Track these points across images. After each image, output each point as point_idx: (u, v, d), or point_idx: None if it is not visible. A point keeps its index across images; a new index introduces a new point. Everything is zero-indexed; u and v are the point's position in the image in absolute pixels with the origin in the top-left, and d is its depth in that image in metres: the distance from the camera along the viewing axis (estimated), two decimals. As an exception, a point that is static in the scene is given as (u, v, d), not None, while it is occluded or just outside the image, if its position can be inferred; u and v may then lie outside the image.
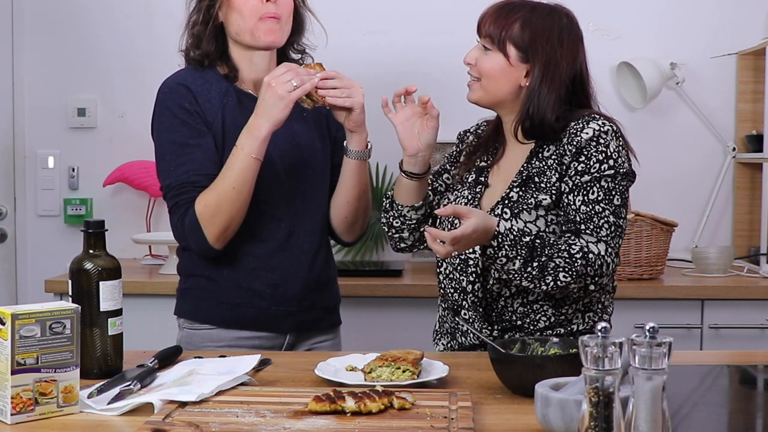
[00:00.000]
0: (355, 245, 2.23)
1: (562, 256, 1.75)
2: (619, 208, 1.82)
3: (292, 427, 1.34)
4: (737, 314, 2.88)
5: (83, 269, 1.65)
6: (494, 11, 1.89)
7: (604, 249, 1.78)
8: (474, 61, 1.91)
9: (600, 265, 1.77)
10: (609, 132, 1.83)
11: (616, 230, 1.81)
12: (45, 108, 3.44)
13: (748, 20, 3.39)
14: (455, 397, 1.47)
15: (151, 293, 2.83)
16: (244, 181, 1.91)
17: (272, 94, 1.88)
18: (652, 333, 1.08)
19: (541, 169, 1.87)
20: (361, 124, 2.00)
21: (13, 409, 1.38)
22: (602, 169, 1.81)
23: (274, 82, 1.88)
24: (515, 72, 1.87)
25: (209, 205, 1.92)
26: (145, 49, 3.42)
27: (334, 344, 2.18)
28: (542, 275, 1.75)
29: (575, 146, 1.82)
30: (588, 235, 1.80)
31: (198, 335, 2.06)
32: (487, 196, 1.95)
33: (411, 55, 3.37)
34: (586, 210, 1.81)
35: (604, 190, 1.81)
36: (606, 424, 1.09)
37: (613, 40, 3.40)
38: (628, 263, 2.95)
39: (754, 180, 3.42)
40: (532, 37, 1.86)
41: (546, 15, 1.88)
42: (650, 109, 3.41)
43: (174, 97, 1.99)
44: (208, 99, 2.01)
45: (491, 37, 1.87)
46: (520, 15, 1.87)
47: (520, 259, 1.74)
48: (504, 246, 1.74)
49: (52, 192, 3.45)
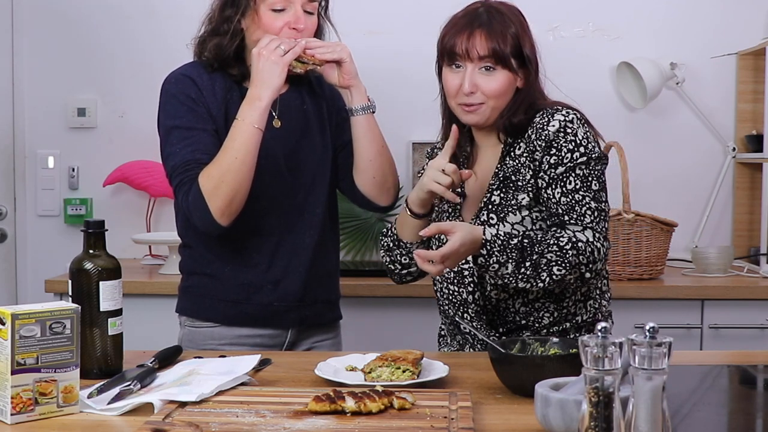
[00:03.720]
0: (393, 208, 2.21)
1: (553, 251, 1.75)
2: (598, 193, 1.82)
3: (292, 427, 1.34)
4: (737, 314, 2.88)
5: (83, 269, 1.65)
6: (478, 29, 1.83)
7: (591, 235, 1.78)
8: (475, 88, 1.85)
9: (591, 251, 1.77)
10: (574, 120, 1.83)
11: (600, 214, 1.81)
12: (45, 108, 3.44)
13: (748, 20, 3.39)
14: (455, 397, 1.47)
15: (151, 293, 2.83)
16: (246, 151, 1.90)
17: (265, 62, 1.91)
18: (652, 333, 1.08)
19: (516, 168, 1.86)
20: (354, 76, 2.01)
21: (13, 409, 1.38)
22: (575, 158, 1.81)
23: (265, 51, 1.91)
24: (515, 80, 1.87)
25: (213, 176, 1.90)
26: (145, 49, 3.42)
27: (334, 343, 2.19)
28: (537, 273, 1.75)
29: (544, 140, 1.82)
30: (573, 224, 1.80)
31: (199, 333, 2.06)
32: (467, 205, 1.94)
33: (412, 56, 3.37)
34: (566, 201, 1.80)
35: (580, 178, 1.81)
36: (606, 424, 1.09)
37: (613, 40, 3.40)
38: (628, 263, 2.95)
39: (754, 180, 3.42)
40: (520, 38, 1.85)
41: (510, 11, 1.88)
42: (650, 109, 3.41)
43: (179, 87, 2.01)
44: (213, 92, 2.01)
45: (495, 57, 1.83)
46: (503, 23, 1.84)
47: (512, 262, 1.74)
48: (494, 252, 1.74)
49: (52, 192, 3.45)
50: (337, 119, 2.14)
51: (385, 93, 2.00)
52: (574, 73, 3.14)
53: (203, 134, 1.97)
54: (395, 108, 3.08)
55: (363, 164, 2.09)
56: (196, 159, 1.93)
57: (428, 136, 3.39)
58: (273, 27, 1.97)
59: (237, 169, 1.89)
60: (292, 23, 1.97)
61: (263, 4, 1.97)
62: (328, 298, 2.15)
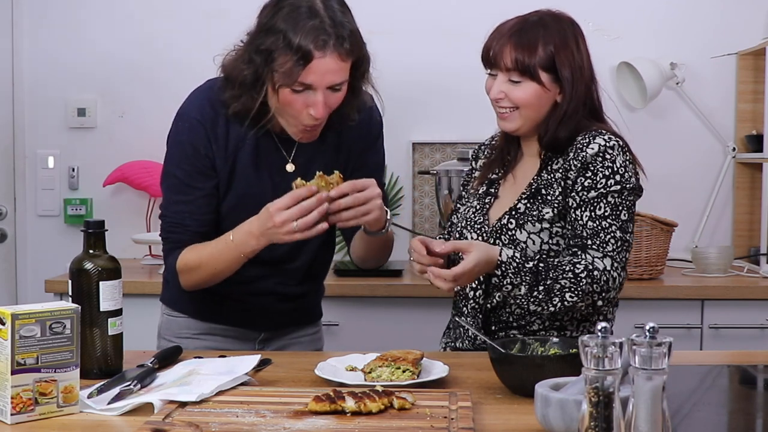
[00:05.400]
0: None
1: (567, 277, 1.75)
2: (625, 223, 1.81)
3: (292, 427, 1.34)
4: (737, 314, 2.88)
5: (83, 269, 1.65)
6: (509, 40, 1.83)
7: (609, 264, 1.78)
8: (503, 95, 1.86)
9: (606, 280, 1.77)
10: (615, 147, 1.81)
11: (623, 245, 1.81)
12: (45, 108, 3.44)
13: (748, 20, 3.39)
14: (455, 397, 1.47)
15: (151, 293, 2.82)
16: (228, 270, 1.88)
17: (274, 234, 1.76)
18: (652, 333, 1.08)
19: (548, 182, 1.87)
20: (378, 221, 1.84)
21: (13, 409, 1.38)
22: (609, 185, 1.80)
23: (278, 220, 1.73)
24: (551, 93, 1.85)
25: (190, 267, 1.91)
26: (145, 49, 3.42)
27: (313, 339, 2.16)
28: (549, 298, 1.75)
29: (581, 161, 1.81)
30: (594, 250, 1.79)
31: (176, 322, 2.08)
32: (495, 207, 1.94)
33: (412, 56, 3.37)
34: (592, 225, 1.80)
35: (610, 206, 1.80)
36: (606, 424, 1.09)
37: (613, 40, 3.40)
38: (628, 263, 2.94)
39: (754, 180, 3.42)
40: (556, 52, 1.82)
41: (556, 24, 1.85)
42: (650, 109, 3.41)
43: (191, 137, 1.91)
44: (225, 143, 1.91)
45: (520, 69, 1.82)
46: (538, 35, 1.83)
47: (525, 285, 1.75)
48: (508, 274, 1.74)
49: (52, 192, 3.46)
50: (356, 175, 1.92)
51: (386, 93, 1.99)
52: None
53: (198, 194, 1.92)
54: (395, 108, 3.08)
55: (356, 246, 2.03)
56: (185, 225, 1.92)
57: (428, 136, 3.40)
58: (293, 107, 1.81)
59: (212, 277, 1.90)
60: (311, 110, 1.80)
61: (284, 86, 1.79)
62: (307, 306, 2.14)
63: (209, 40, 2.05)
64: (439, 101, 3.40)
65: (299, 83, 1.77)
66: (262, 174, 1.94)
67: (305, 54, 1.74)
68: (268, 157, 1.94)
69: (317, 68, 1.75)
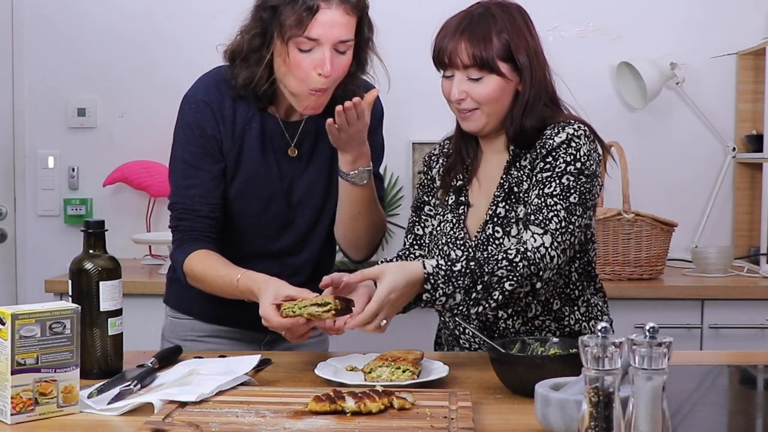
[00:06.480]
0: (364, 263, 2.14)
1: (503, 266, 1.66)
2: (574, 206, 1.72)
3: (292, 427, 1.34)
4: (737, 314, 2.88)
5: (83, 269, 1.65)
6: (461, 36, 1.77)
7: (549, 241, 1.69)
8: (465, 95, 1.79)
9: (541, 257, 1.68)
10: (582, 136, 1.76)
11: (566, 226, 1.71)
12: (45, 108, 3.44)
13: (748, 20, 3.39)
14: (455, 397, 1.47)
15: (151, 293, 2.83)
16: (226, 295, 1.88)
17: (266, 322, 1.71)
18: (652, 333, 1.08)
19: (519, 179, 1.81)
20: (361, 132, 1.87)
21: (13, 409, 1.38)
22: (567, 169, 1.74)
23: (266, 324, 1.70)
24: (512, 84, 1.80)
25: (194, 276, 1.90)
26: (145, 49, 3.42)
27: (319, 341, 2.16)
28: (488, 294, 1.66)
29: (546, 149, 1.76)
30: (535, 225, 1.71)
31: (180, 324, 2.08)
32: (471, 216, 1.87)
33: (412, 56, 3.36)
34: (538, 202, 1.73)
35: (561, 186, 1.73)
36: (606, 424, 1.09)
37: (613, 40, 3.40)
38: (628, 263, 2.95)
39: (754, 180, 3.42)
40: (510, 40, 1.76)
41: (505, 13, 1.79)
42: (650, 109, 3.41)
43: (197, 118, 1.93)
44: (232, 124, 1.93)
45: (478, 64, 1.75)
46: (489, 26, 1.77)
47: (459, 290, 1.64)
48: (438, 285, 1.64)
49: (52, 192, 3.46)
50: None
51: (386, 93, 1.99)
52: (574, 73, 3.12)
53: (207, 176, 1.93)
54: (395, 108, 3.07)
55: (338, 219, 2.02)
56: (195, 209, 1.92)
57: (428, 136, 3.40)
58: (300, 68, 1.81)
59: (213, 293, 1.91)
60: (318, 68, 1.81)
61: (291, 42, 1.81)
62: None
63: (210, 40, 2.04)
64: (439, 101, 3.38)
65: (306, 38, 1.79)
66: (269, 157, 1.96)
67: (311, 5, 1.78)
68: (274, 140, 1.95)
69: (323, 20, 1.79)
